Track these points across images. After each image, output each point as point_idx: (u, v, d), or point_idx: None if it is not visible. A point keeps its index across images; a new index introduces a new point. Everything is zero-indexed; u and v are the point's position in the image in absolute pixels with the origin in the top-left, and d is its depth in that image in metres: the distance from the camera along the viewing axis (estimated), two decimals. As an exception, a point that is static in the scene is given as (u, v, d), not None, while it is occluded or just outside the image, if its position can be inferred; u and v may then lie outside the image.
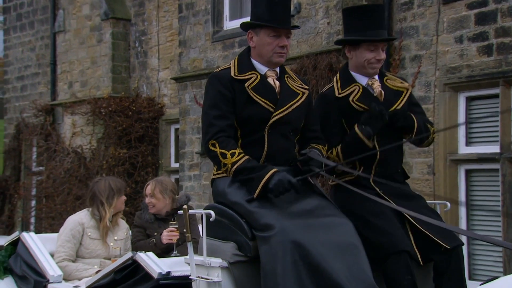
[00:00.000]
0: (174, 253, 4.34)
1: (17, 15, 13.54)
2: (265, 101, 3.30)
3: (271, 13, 3.29)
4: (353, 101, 3.48)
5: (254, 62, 3.39)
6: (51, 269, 4.43)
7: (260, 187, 3.13)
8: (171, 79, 10.28)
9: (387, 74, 3.69)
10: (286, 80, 3.41)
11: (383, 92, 3.52)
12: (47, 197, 11.73)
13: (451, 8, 6.92)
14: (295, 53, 7.73)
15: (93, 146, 11.16)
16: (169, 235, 4.47)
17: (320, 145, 3.41)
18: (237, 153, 3.21)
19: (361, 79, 3.54)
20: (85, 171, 11.06)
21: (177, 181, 9.71)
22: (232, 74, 3.33)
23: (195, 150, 9.31)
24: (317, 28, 7.78)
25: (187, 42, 9.43)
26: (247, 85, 3.30)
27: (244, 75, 3.33)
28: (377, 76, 3.59)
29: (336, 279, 2.84)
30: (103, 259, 4.62)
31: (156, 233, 4.63)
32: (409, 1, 7.24)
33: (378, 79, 3.58)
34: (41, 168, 12.38)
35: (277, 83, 3.37)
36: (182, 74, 9.53)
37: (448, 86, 6.94)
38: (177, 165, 10.15)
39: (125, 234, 4.78)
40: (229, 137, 3.26)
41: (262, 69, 3.38)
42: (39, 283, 4.48)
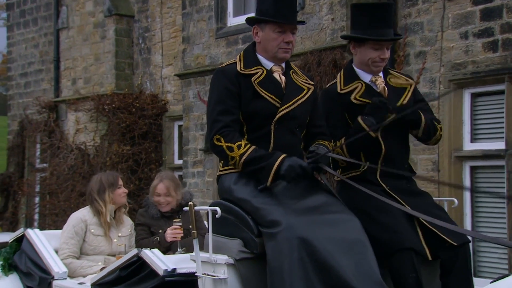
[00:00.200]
0: (178, 251, 4.32)
1: (20, 12, 13.53)
2: (271, 96, 3.28)
3: (277, 8, 3.26)
4: (356, 98, 3.47)
5: (259, 57, 3.37)
6: (56, 265, 4.43)
7: (272, 174, 3.12)
8: (174, 75, 10.26)
9: (391, 71, 3.67)
10: (291, 75, 3.39)
11: (386, 88, 3.51)
12: (51, 193, 11.75)
13: (456, 4, 6.88)
14: (299, 49, 7.70)
15: (96, 142, 11.16)
16: (173, 233, 4.45)
17: (326, 141, 3.39)
18: (243, 145, 3.19)
19: (364, 76, 3.53)
20: (89, 167, 11.06)
21: (180, 177, 9.70)
22: (238, 68, 3.31)
23: (199, 146, 9.30)
24: (321, 24, 7.75)
25: (191, 38, 9.40)
26: (253, 79, 3.28)
27: (250, 70, 3.31)
28: (381, 73, 3.58)
29: (343, 276, 2.82)
30: (107, 255, 4.61)
31: (161, 231, 4.62)
32: (413, -3, 7.21)
33: (382, 76, 3.57)
34: (44, 164, 12.39)
35: (283, 78, 3.36)
36: (185, 70, 9.51)
37: (453, 82, 6.91)
38: (180, 161, 10.15)
39: (129, 230, 4.77)
40: (234, 131, 3.24)
41: (267, 64, 3.36)
42: (44, 279, 4.48)
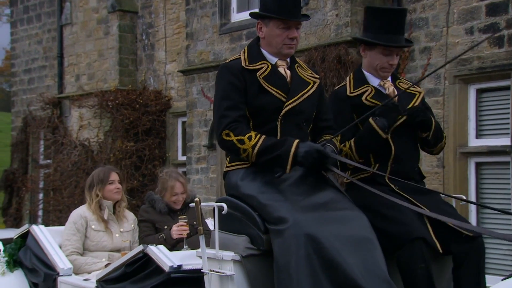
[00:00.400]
0: (184, 247, 4.31)
1: (24, 8, 13.52)
2: (277, 91, 3.26)
3: (281, 4, 3.24)
4: (367, 99, 3.48)
5: (264, 52, 3.35)
6: (61, 262, 4.42)
7: (290, 161, 3.09)
8: (178, 71, 10.24)
9: (401, 78, 3.70)
10: (296, 69, 3.38)
11: (396, 91, 3.53)
12: (55, 190, 11.76)
13: (461, -1, 6.87)
14: (303, 45, 7.67)
15: (100, 139, 11.16)
16: (179, 229, 4.43)
17: (332, 136, 3.36)
18: (253, 136, 3.17)
19: (373, 80, 3.55)
20: (93, 164, 11.04)
21: (184, 174, 9.68)
22: (242, 64, 3.29)
23: (203, 143, 9.29)
24: (326, 20, 7.72)
25: (194, 34, 9.38)
26: (258, 74, 3.26)
27: (255, 65, 3.29)
28: (390, 78, 3.61)
29: (350, 273, 2.80)
30: (110, 252, 4.61)
31: (166, 227, 4.60)
32: (419, -8, 7.18)
33: (390, 80, 3.60)
34: (48, 161, 12.40)
35: (288, 72, 3.34)
36: (189, 66, 9.49)
37: (458, 78, 6.88)
38: (184, 158, 10.14)
39: (132, 225, 4.76)
40: (243, 125, 3.22)
41: (272, 59, 3.34)
42: (49, 276, 4.47)
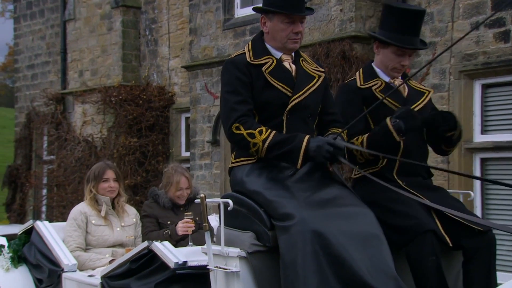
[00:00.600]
0: (190, 244, 4.29)
1: (27, 4, 13.51)
2: (283, 85, 3.25)
3: None
4: (376, 91, 3.46)
5: (268, 46, 3.33)
6: (66, 258, 4.42)
7: (301, 156, 3.07)
8: (181, 67, 10.22)
9: (408, 75, 3.70)
10: (301, 63, 3.36)
11: (406, 87, 3.51)
12: (58, 185, 11.77)
13: (466, -6, 6.82)
14: (307, 40, 7.64)
15: (103, 135, 11.16)
16: (184, 226, 4.41)
17: (340, 129, 3.35)
18: (264, 130, 3.15)
19: (383, 76, 3.55)
20: (96, 160, 11.04)
21: (188, 170, 9.67)
22: (247, 59, 3.28)
23: (206, 139, 9.27)
24: (330, 15, 7.68)
25: (198, 30, 9.35)
26: (264, 69, 3.25)
27: (260, 60, 3.27)
28: (400, 77, 3.61)
29: (357, 270, 2.78)
30: (113, 247, 4.60)
31: (169, 222, 4.59)
32: (424, -13, 7.14)
33: (401, 78, 3.60)
34: (52, 157, 12.41)
35: (293, 66, 3.33)
36: (192, 62, 9.47)
37: (463, 73, 6.85)
38: (187, 154, 10.13)
39: (134, 219, 4.76)
40: (253, 119, 3.21)
41: (277, 53, 3.32)
42: (54, 272, 4.47)
